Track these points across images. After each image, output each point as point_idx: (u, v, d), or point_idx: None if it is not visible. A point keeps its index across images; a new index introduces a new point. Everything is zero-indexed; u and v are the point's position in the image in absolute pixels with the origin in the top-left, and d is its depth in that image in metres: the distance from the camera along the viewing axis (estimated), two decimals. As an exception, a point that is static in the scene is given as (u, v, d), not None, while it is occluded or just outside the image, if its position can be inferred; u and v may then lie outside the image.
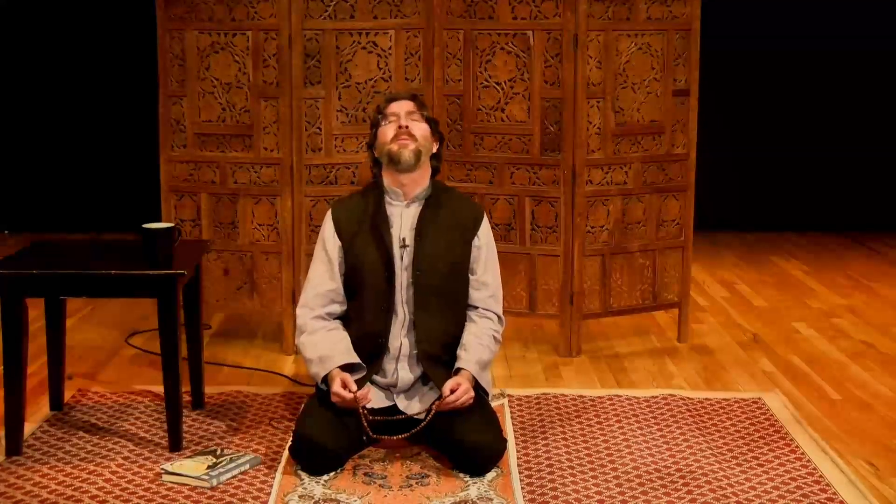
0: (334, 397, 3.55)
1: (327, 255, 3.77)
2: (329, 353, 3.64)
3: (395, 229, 3.73)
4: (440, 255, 3.72)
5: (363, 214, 3.77)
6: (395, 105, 3.77)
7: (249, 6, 4.62)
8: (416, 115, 3.75)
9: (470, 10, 4.69)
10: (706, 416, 4.04)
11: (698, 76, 4.81)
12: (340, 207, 3.84)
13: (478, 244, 3.79)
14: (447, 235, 3.75)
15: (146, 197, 5.71)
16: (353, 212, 3.79)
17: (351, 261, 3.75)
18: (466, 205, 3.87)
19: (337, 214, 3.81)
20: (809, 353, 4.89)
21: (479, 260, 3.80)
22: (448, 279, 3.74)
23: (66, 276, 3.61)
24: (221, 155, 4.75)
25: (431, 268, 3.70)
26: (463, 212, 3.82)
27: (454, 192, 3.92)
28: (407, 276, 3.71)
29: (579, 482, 3.45)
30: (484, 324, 3.77)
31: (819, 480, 3.47)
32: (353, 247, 3.74)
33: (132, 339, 4.97)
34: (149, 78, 4.94)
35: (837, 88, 7.53)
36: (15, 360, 3.60)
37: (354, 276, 3.74)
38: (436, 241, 3.72)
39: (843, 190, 7.61)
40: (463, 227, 3.78)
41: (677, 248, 4.91)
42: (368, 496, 3.33)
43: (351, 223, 3.77)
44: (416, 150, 3.70)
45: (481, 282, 3.79)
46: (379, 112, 3.80)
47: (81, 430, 3.86)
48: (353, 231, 3.76)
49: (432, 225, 3.74)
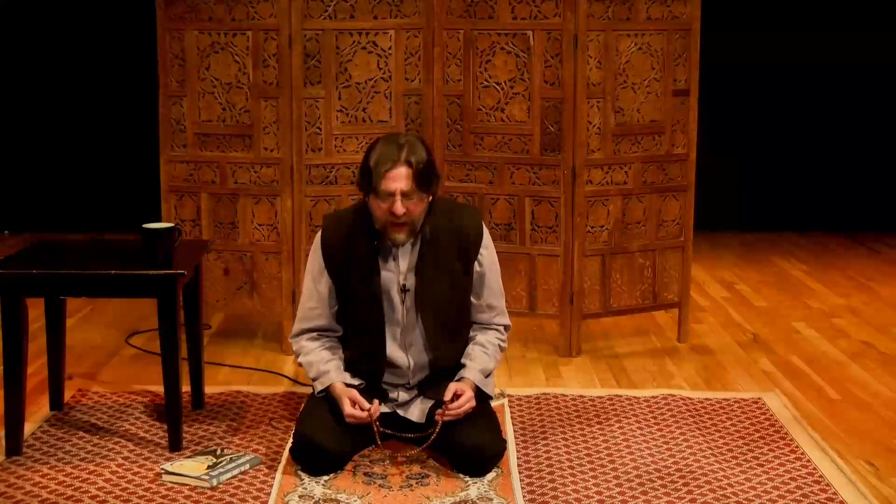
0: (349, 419, 3.51)
1: (318, 291, 3.66)
2: (324, 370, 3.62)
3: (392, 274, 3.59)
4: (443, 292, 3.60)
5: (355, 252, 3.57)
6: (391, 181, 3.40)
7: (249, 6, 4.62)
8: (413, 194, 3.43)
9: (470, 10, 4.69)
10: (706, 416, 4.04)
11: (698, 76, 4.81)
12: (331, 238, 3.62)
13: (480, 269, 3.65)
14: (448, 267, 3.60)
15: (146, 197, 5.70)
16: (345, 247, 3.59)
17: (345, 300, 3.64)
18: (464, 221, 3.64)
19: (328, 250, 3.62)
20: (809, 353, 4.89)
21: (483, 284, 3.68)
22: (452, 310, 3.65)
23: (66, 276, 3.61)
24: (221, 155, 4.76)
25: (435, 306, 3.60)
26: (462, 233, 3.62)
27: (447, 209, 3.66)
28: (410, 316, 3.61)
29: (579, 482, 3.45)
30: (490, 335, 3.73)
31: (819, 480, 3.47)
32: (346, 288, 3.62)
33: (132, 339, 4.97)
34: (149, 78, 4.94)
35: (837, 88, 7.52)
36: (15, 360, 3.60)
37: (349, 314, 3.65)
38: (437, 280, 3.59)
39: (843, 190, 7.61)
40: (464, 251, 3.62)
41: (677, 248, 4.92)
42: (368, 496, 3.33)
43: (343, 262, 3.60)
44: (411, 231, 3.52)
45: (487, 305, 3.71)
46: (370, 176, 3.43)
47: (81, 430, 3.86)
48: (345, 272, 3.60)
49: (431, 263, 3.58)
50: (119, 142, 7.32)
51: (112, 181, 7.38)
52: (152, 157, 4.87)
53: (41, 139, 7.43)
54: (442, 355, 3.65)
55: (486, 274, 3.67)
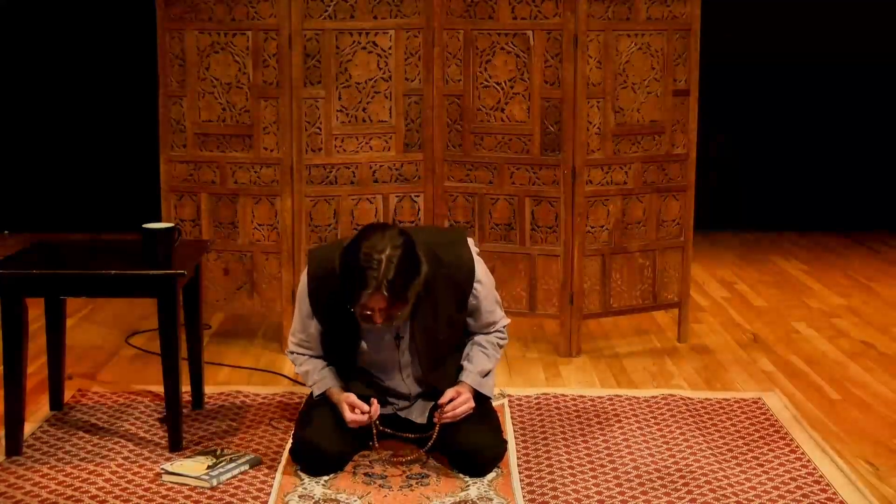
0: (351, 424, 3.50)
1: (304, 327, 3.60)
2: (320, 378, 3.62)
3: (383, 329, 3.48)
4: (440, 332, 3.56)
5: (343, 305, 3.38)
6: (367, 304, 3.29)
7: (249, 6, 4.62)
8: (392, 309, 3.32)
9: (470, 10, 4.69)
10: (706, 416, 4.04)
11: (698, 76, 4.81)
12: (317, 286, 3.51)
13: (475, 301, 3.59)
14: (444, 310, 3.54)
15: (146, 197, 5.70)
16: (333, 295, 3.44)
17: (335, 343, 3.60)
18: (454, 260, 3.54)
19: (314, 294, 3.52)
20: (809, 353, 4.89)
21: (479, 310, 3.63)
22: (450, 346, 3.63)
23: (66, 276, 3.61)
24: (221, 155, 4.75)
25: (431, 346, 3.56)
26: (453, 277, 3.53)
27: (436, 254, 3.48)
28: (406, 356, 3.57)
29: (579, 482, 3.45)
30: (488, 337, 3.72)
31: (819, 480, 3.47)
32: (336, 334, 3.56)
33: (132, 339, 4.97)
34: (149, 78, 4.94)
35: (837, 88, 7.52)
36: (15, 360, 3.60)
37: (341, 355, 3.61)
38: (433, 325, 3.54)
39: (843, 190, 7.61)
40: (458, 292, 3.55)
41: (677, 248, 4.91)
42: (368, 496, 3.33)
43: (331, 310, 3.50)
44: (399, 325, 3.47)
45: (484, 323, 3.68)
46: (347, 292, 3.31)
47: (81, 430, 3.86)
48: (335, 319, 3.51)
49: (427, 311, 3.51)
50: (119, 142, 7.32)
51: (112, 181, 7.37)
52: (152, 157, 4.87)
53: (41, 139, 7.43)
54: (441, 381, 3.63)
55: (481, 303, 3.61)
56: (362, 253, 3.27)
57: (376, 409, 3.54)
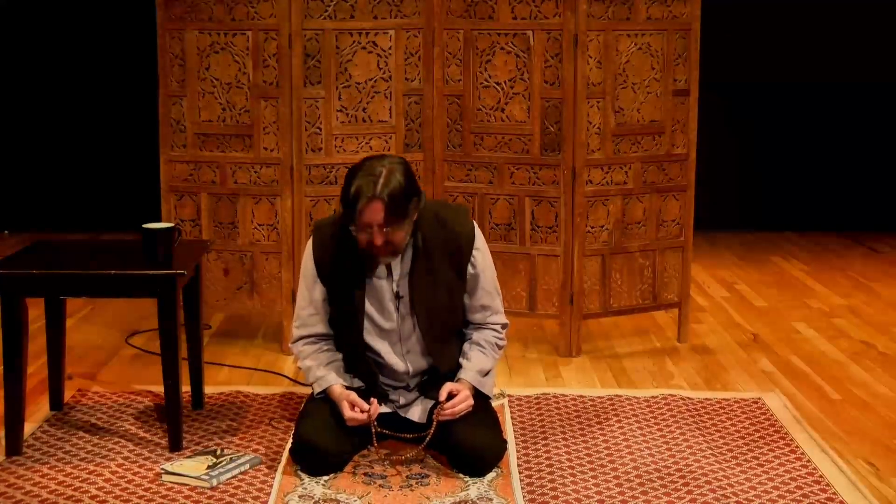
0: (350, 423, 3.52)
1: (312, 298, 3.66)
2: (323, 374, 3.63)
3: (385, 282, 3.59)
4: (438, 297, 3.60)
5: (348, 262, 3.56)
6: (367, 216, 3.38)
7: (249, 6, 4.62)
8: (391, 225, 3.40)
9: (470, 10, 4.69)
10: (706, 416, 4.04)
11: (698, 76, 4.81)
12: (321, 245, 3.62)
13: (473, 271, 3.65)
14: (443, 274, 3.60)
15: (146, 197, 5.71)
16: (336, 256, 3.58)
17: (338, 307, 3.64)
18: (456, 227, 3.63)
19: (320, 257, 3.62)
20: (809, 353, 4.89)
21: (477, 286, 3.67)
22: (447, 314, 3.66)
23: (66, 276, 3.61)
24: (221, 155, 4.76)
25: (429, 311, 3.60)
26: (454, 239, 3.61)
27: (439, 216, 3.63)
28: (406, 323, 3.61)
29: (579, 482, 3.45)
30: (486, 334, 3.73)
31: (819, 480, 3.47)
32: (339, 295, 3.62)
33: (132, 339, 4.97)
34: (149, 78, 4.94)
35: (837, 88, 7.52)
36: (15, 360, 3.60)
37: (343, 321, 3.65)
38: (431, 286, 3.59)
39: (843, 190, 7.61)
40: (457, 256, 3.62)
41: (677, 248, 4.91)
42: (368, 496, 3.33)
43: (336, 270, 3.60)
44: (395, 253, 3.51)
45: (481, 305, 3.71)
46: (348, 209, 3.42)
47: (81, 430, 3.86)
48: (338, 280, 3.60)
49: (425, 271, 3.58)
50: (119, 142, 7.32)
51: (112, 181, 7.37)
52: (152, 157, 4.87)
53: (41, 139, 7.43)
54: (440, 359, 3.65)
55: (479, 275, 3.67)
56: (364, 165, 3.46)
57: (376, 408, 3.54)
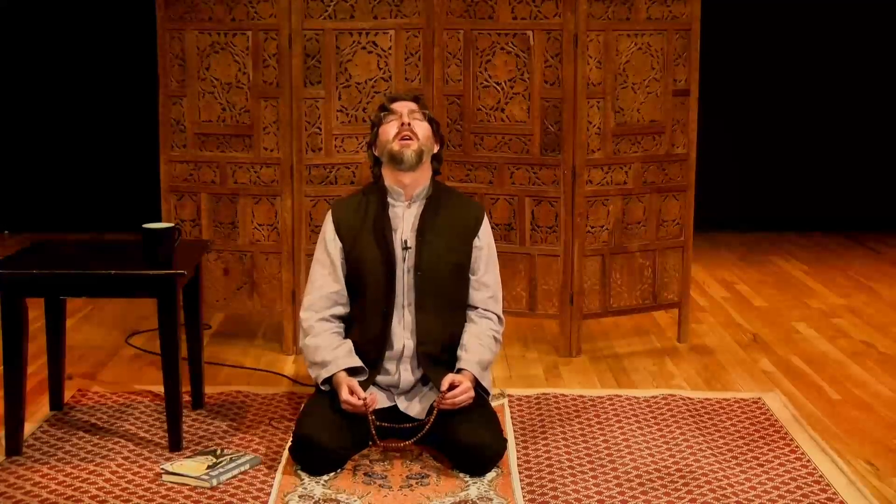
0: (344, 405, 3.55)
1: (329, 256, 3.78)
2: (332, 357, 3.65)
3: (396, 231, 3.74)
4: (442, 255, 3.73)
5: (364, 215, 3.78)
6: (398, 104, 3.79)
7: (249, 6, 4.63)
8: (418, 114, 3.77)
9: (470, 10, 4.69)
10: (706, 416, 4.04)
11: (698, 76, 4.81)
12: (340, 208, 3.84)
13: (479, 244, 3.80)
14: (448, 236, 3.76)
15: (146, 197, 5.71)
16: (354, 213, 3.80)
17: (352, 262, 3.75)
18: (467, 205, 3.88)
19: (337, 215, 3.81)
20: (809, 353, 4.89)
21: (480, 260, 3.80)
22: (449, 280, 3.75)
23: (66, 276, 3.60)
24: (221, 155, 4.76)
25: (433, 269, 3.71)
26: (464, 212, 3.82)
27: (455, 193, 3.94)
28: (409, 278, 3.72)
29: (579, 482, 3.45)
30: (484, 324, 3.77)
31: (819, 480, 3.47)
32: (355, 248, 3.75)
33: (132, 339, 4.97)
34: (149, 78, 4.94)
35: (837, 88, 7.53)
36: (15, 360, 3.60)
37: (356, 277, 3.75)
38: (437, 243, 3.73)
39: (843, 190, 7.62)
40: (464, 227, 3.79)
41: (677, 248, 4.92)
42: (368, 496, 3.33)
43: (352, 224, 3.77)
44: (418, 150, 3.71)
45: (482, 282, 3.80)
46: (381, 110, 3.82)
47: (81, 430, 3.86)
48: (354, 232, 3.76)
49: (434, 226, 3.75)
50: (119, 142, 7.32)
51: (112, 181, 7.38)
52: (152, 157, 4.87)
53: (41, 139, 7.43)
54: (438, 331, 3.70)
55: (483, 250, 3.81)
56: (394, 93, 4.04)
57: (373, 399, 3.55)
